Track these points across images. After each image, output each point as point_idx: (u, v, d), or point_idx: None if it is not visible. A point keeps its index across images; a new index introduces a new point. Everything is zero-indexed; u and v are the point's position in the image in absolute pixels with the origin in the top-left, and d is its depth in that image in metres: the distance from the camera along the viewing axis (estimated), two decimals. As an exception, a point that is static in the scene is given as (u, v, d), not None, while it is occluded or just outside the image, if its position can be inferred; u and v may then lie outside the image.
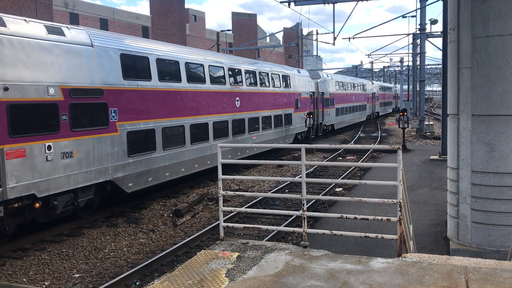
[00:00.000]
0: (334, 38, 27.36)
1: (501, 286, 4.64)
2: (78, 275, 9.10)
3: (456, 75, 8.84)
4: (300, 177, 6.35)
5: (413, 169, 18.94)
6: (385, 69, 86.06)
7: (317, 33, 49.06)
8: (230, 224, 7.38)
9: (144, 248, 10.69)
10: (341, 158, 24.33)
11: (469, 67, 8.49)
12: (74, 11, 42.48)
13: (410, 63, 57.55)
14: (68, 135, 10.73)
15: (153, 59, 13.86)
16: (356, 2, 21.61)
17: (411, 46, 44.63)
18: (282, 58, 74.87)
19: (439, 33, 29.02)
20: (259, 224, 11.95)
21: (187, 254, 10.05)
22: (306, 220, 6.34)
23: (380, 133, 38.29)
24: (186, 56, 15.83)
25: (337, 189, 15.95)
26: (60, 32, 10.93)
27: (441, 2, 21.04)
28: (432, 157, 21.91)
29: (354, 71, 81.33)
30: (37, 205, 10.05)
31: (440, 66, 29.54)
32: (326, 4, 21.99)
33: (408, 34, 40.33)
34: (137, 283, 8.56)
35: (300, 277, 5.07)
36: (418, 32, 36.25)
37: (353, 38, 30.02)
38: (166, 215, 13.36)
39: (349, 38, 30.20)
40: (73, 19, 41.52)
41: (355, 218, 6.18)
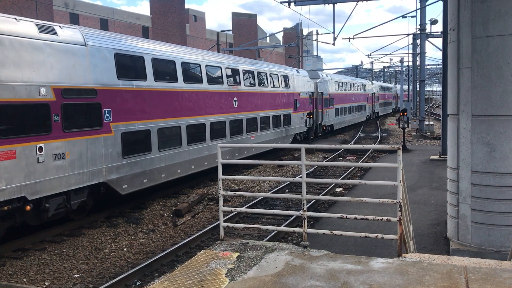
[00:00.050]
0: (334, 38, 27.38)
1: (501, 286, 4.64)
2: (78, 275, 9.10)
3: (456, 75, 8.84)
4: (300, 177, 6.35)
5: (413, 169, 18.94)
6: (385, 69, 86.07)
7: (317, 33, 49.10)
8: (230, 224, 7.39)
9: (144, 248, 10.69)
10: (341, 158, 24.33)
11: (469, 67, 8.50)
12: (74, 11, 42.51)
13: (410, 63, 57.66)
14: (60, 136, 10.54)
15: (148, 59, 13.68)
16: (356, 2, 21.62)
17: (411, 46, 44.73)
18: (282, 58, 74.85)
19: (439, 33, 29.04)
20: (259, 224, 11.95)
21: (187, 254, 10.05)
22: (306, 220, 6.35)
23: (380, 133, 38.30)
24: (183, 55, 15.64)
25: (337, 189, 15.96)
26: (52, 31, 10.72)
27: (441, 2, 21.05)
28: (432, 157, 21.91)
29: (354, 71, 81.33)
30: (28, 207, 9.83)
31: (440, 66, 29.55)
32: (326, 5, 22.00)
33: (408, 34, 40.38)
34: (137, 283, 8.57)
35: (300, 277, 5.08)
36: (418, 32, 36.26)
37: (353, 38, 30.04)
38: (166, 215, 13.37)
39: (349, 38, 30.23)
40: (73, 19, 41.54)
41: (355, 218, 6.18)
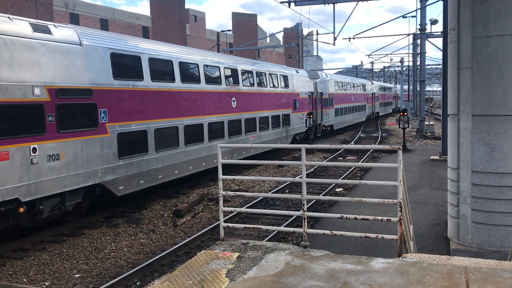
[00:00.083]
0: (334, 38, 27.38)
1: (502, 286, 4.64)
2: (78, 275, 9.10)
3: (456, 75, 8.84)
4: (301, 177, 6.35)
5: (414, 169, 18.93)
6: (386, 69, 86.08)
7: (317, 33, 49.14)
8: (230, 224, 7.39)
9: (145, 248, 10.69)
10: (341, 158, 24.33)
11: (469, 67, 8.50)
12: (75, 11, 42.52)
13: (411, 63, 57.65)
14: (54, 137, 10.39)
15: (145, 59, 13.55)
16: (356, 2, 21.63)
17: (411, 46, 44.74)
18: (282, 59, 74.85)
19: (439, 33, 29.04)
20: (260, 224, 11.95)
21: (188, 254, 10.05)
22: (306, 220, 6.34)
23: (380, 133, 38.29)
24: (180, 55, 15.49)
25: (338, 189, 15.96)
26: (47, 30, 10.57)
27: (441, 2, 21.04)
28: (432, 157, 21.91)
29: (354, 71, 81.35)
30: (22, 209, 9.68)
31: (440, 66, 29.53)
32: (326, 5, 22.01)
33: (409, 34, 40.41)
34: (138, 283, 8.57)
35: (301, 277, 5.08)
36: (418, 32, 36.28)
37: (353, 38, 30.06)
38: (166, 215, 13.37)
39: (349, 38, 30.24)
40: (73, 20, 41.55)
41: (355, 218, 6.18)
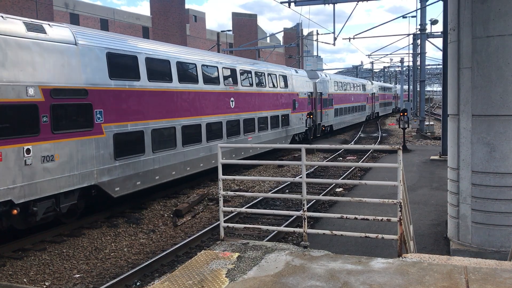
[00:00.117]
0: (335, 39, 27.38)
1: (502, 286, 4.64)
2: (78, 275, 9.11)
3: (456, 75, 8.84)
4: (301, 177, 6.35)
5: (414, 169, 18.94)
6: (386, 70, 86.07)
7: (318, 34, 49.15)
8: (230, 225, 7.39)
9: (145, 248, 10.69)
10: (341, 158, 24.34)
11: (470, 67, 8.50)
12: (75, 11, 42.53)
13: (411, 63, 57.63)
14: (49, 138, 10.25)
15: (142, 58, 13.41)
16: (356, 2, 21.63)
17: (411, 46, 44.74)
18: (282, 59, 74.87)
19: (440, 33, 29.04)
20: (260, 224, 11.95)
21: (188, 254, 10.05)
22: (306, 220, 6.34)
23: (380, 133, 38.29)
24: (178, 55, 15.34)
25: (338, 189, 15.96)
26: (41, 29, 10.41)
27: (441, 3, 21.05)
28: (432, 157, 21.91)
29: (355, 71, 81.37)
30: (15, 211, 9.54)
31: (441, 66, 29.54)
32: (326, 5, 22.01)
33: (409, 35, 40.41)
34: (138, 283, 8.57)
35: (301, 277, 5.08)
36: (419, 32, 36.28)
37: (354, 38, 30.07)
38: (166, 215, 13.37)
39: (350, 39, 30.25)
40: (74, 20, 41.57)
41: (355, 219, 6.18)
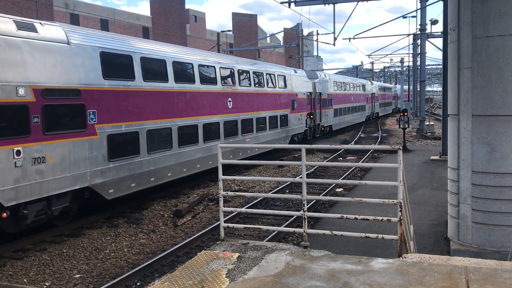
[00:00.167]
0: (335, 39, 27.38)
1: (502, 286, 4.64)
2: (78, 275, 9.11)
3: (456, 76, 8.84)
4: (301, 177, 6.35)
5: (414, 170, 18.94)
6: (386, 70, 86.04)
7: (318, 34, 49.13)
8: (230, 225, 7.39)
9: (145, 248, 10.69)
10: (341, 159, 24.33)
11: (470, 67, 8.50)
12: (75, 11, 42.53)
13: (411, 63, 57.59)
14: (40, 139, 10.04)
15: (137, 58, 13.22)
16: (356, 2, 21.64)
17: (411, 46, 44.73)
18: (282, 59, 74.88)
19: (440, 33, 29.03)
20: (260, 224, 11.95)
21: (188, 254, 10.05)
22: (306, 220, 6.34)
23: (380, 133, 38.28)
24: (174, 54, 15.13)
25: (338, 189, 15.96)
26: (32, 28, 10.22)
27: (441, 3, 21.04)
28: (432, 157, 21.91)
29: (355, 71, 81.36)
30: (5, 214, 9.32)
31: (441, 66, 29.54)
32: (327, 5, 22.01)
33: (409, 35, 40.40)
34: (138, 284, 8.57)
35: (301, 277, 5.08)
36: (419, 32, 36.27)
37: (354, 38, 30.07)
38: (166, 215, 13.37)
39: (350, 39, 30.25)
40: (74, 20, 41.58)
41: (355, 219, 6.18)
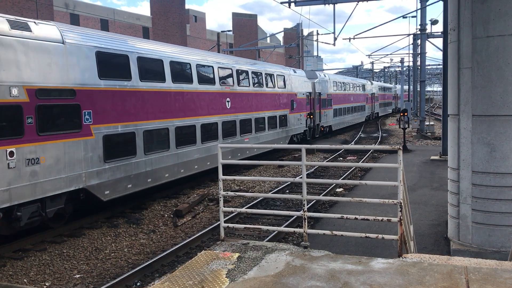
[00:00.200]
0: (335, 39, 27.37)
1: (502, 286, 4.64)
2: (78, 275, 9.11)
3: (456, 76, 8.84)
4: (301, 177, 6.35)
5: (414, 170, 18.93)
6: (386, 70, 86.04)
7: (318, 34, 49.07)
8: (230, 225, 7.39)
9: (145, 248, 10.69)
10: (341, 159, 24.34)
11: (470, 67, 8.50)
12: (75, 12, 42.54)
13: (411, 63, 57.58)
14: (34, 140, 9.93)
15: (133, 58, 13.10)
16: (356, 2, 21.65)
17: (411, 46, 44.72)
18: (282, 59, 74.88)
19: (440, 33, 29.03)
20: (260, 224, 11.95)
21: (188, 254, 10.05)
22: (306, 220, 6.34)
23: (380, 133, 38.28)
24: (171, 54, 15.01)
25: (338, 189, 15.96)
26: (26, 27, 10.12)
27: (441, 3, 21.04)
28: (432, 157, 21.91)
29: (355, 71, 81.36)
30: None
31: (441, 66, 29.57)
32: (327, 5, 22.02)
33: (409, 35, 40.40)
34: (138, 284, 8.57)
35: (301, 277, 5.08)
36: (419, 32, 36.27)
37: (354, 38, 30.06)
38: (166, 215, 13.37)
39: (350, 39, 30.24)
40: (74, 20, 41.58)
41: (355, 219, 6.18)
